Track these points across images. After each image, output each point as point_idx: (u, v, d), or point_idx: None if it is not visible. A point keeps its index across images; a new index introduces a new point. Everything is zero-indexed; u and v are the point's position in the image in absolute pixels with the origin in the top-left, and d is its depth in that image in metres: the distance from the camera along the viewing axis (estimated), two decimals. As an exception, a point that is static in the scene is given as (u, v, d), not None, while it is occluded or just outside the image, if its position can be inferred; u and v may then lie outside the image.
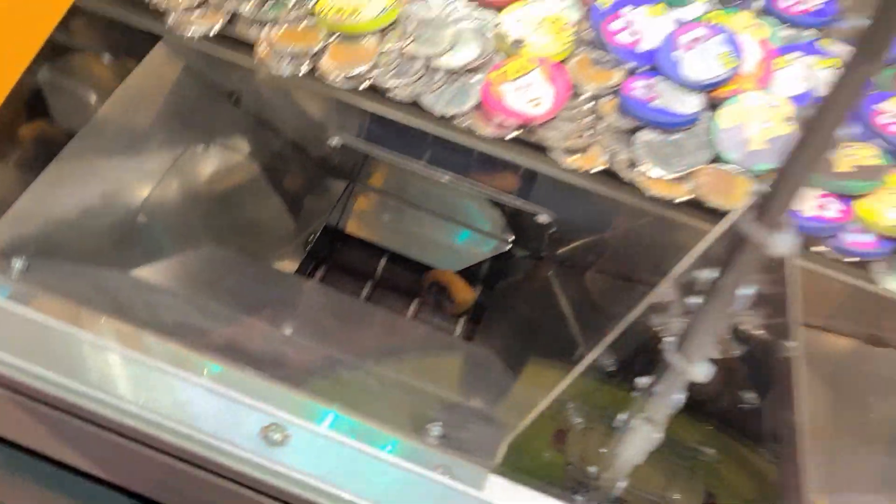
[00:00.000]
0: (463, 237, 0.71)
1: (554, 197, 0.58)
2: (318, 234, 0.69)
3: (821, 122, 0.24)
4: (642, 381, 0.35)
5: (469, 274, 0.70)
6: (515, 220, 0.68)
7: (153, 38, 0.52)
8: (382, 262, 0.71)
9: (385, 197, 0.71)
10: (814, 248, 0.42)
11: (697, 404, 0.37)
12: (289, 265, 0.67)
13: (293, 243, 0.68)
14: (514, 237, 0.70)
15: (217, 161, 0.63)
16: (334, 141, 0.59)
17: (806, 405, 0.36)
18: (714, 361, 0.33)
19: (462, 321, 0.68)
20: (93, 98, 0.57)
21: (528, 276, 0.69)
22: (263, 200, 0.67)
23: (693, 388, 0.33)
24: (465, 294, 0.67)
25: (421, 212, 0.71)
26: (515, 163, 0.46)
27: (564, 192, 0.53)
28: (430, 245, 0.71)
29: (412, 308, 0.68)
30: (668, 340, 0.33)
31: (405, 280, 0.70)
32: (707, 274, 0.31)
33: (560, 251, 0.65)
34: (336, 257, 0.70)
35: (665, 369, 0.33)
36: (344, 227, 0.71)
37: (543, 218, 0.59)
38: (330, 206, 0.70)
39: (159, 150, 0.59)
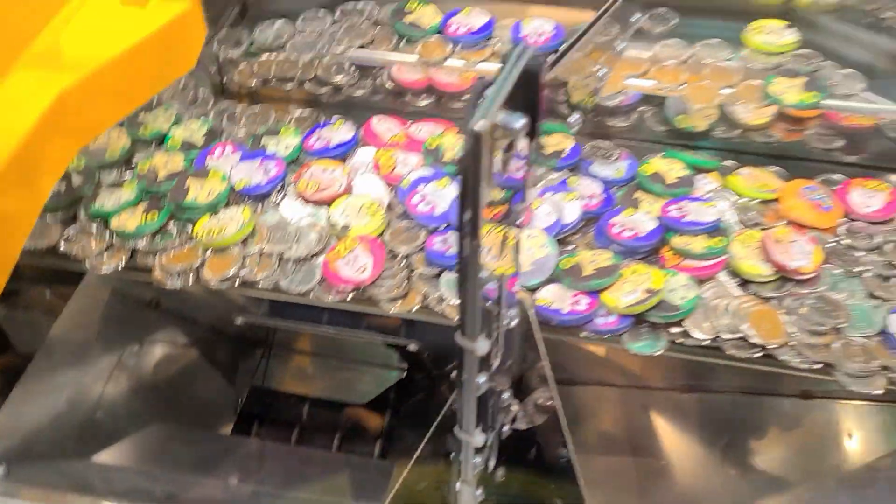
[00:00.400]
0: (367, 373, 0.85)
1: (418, 329, 0.74)
2: (247, 395, 0.83)
3: (467, 275, 0.39)
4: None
5: (379, 401, 0.84)
6: (403, 351, 0.83)
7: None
8: (305, 408, 0.85)
9: (297, 353, 0.86)
10: (582, 334, 0.58)
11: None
12: (226, 427, 0.81)
13: (227, 408, 0.82)
14: (408, 365, 0.84)
15: (152, 354, 0.78)
16: (238, 321, 0.75)
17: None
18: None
19: (378, 443, 0.82)
20: (43, 324, 0.72)
21: (427, 394, 0.84)
22: (196, 377, 0.81)
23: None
24: (375, 421, 0.81)
25: (329, 359, 0.86)
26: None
27: (422, 325, 0.68)
28: (342, 385, 0.86)
29: (336, 441, 0.82)
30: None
31: (327, 418, 0.84)
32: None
33: (444, 370, 0.79)
34: (265, 412, 0.84)
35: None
36: (268, 385, 0.85)
37: (412, 346, 0.74)
38: (252, 370, 0.84)
39: (104, 356, 0.74)
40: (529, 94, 0.38)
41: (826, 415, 0.68)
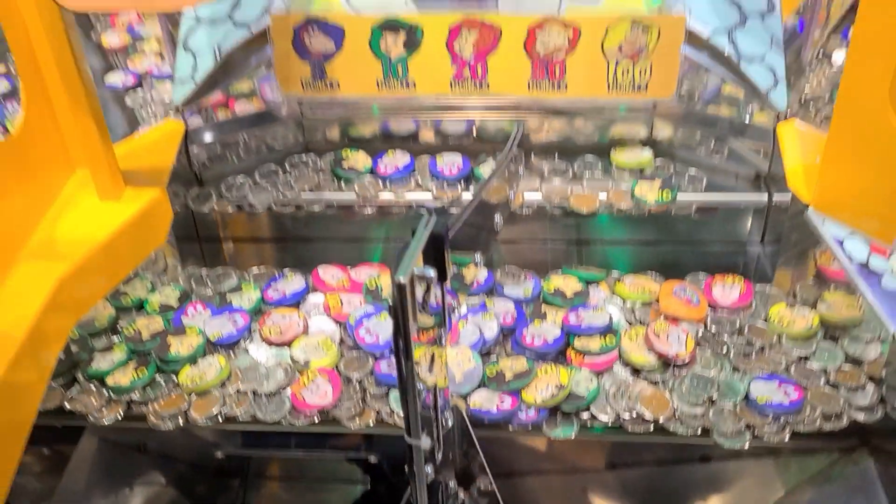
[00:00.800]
0: (335, 491, 0.96)
1: (375, 443, 0.85)
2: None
3: (407, 388, 0.52)
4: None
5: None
6: (365, 465, 0.94)
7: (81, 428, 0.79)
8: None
9: (271, 480, 0.96)
10: (510, 428, 0.70)
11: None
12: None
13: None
14: (370, 478, 0.95)
15: (143, 495, 0.88)
16: (218, 454, 0.85)
17: None
18: None
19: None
20: (47, 479, 0.82)
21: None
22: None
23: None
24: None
25: (300, 482, 0.96)
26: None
27: (378, 439, 0.81)
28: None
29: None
30: None
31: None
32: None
33: (403, 478, 0.90)
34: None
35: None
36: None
37: (373, 459, 0.85)
38: (232, 501, 0.94)
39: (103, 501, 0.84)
40: (437, 251, 0.52)
41: (725, 472, 0.81)
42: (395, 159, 0.90)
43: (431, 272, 0.51)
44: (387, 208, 0.88)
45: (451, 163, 0.89)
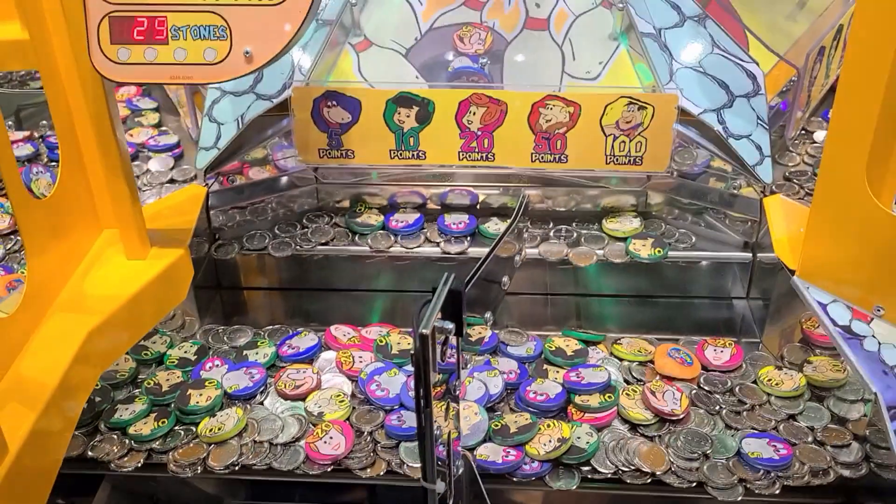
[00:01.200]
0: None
1: (381, 499, 0.88)
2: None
3: (425, 434, 0.56)
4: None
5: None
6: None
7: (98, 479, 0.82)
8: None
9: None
10: (514, 479, 0.74)
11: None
12: None
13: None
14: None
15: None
16: (229, 506, 0.88)
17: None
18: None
19: None
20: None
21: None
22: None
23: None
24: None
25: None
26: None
27: (384, 495, 0.84)
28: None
29: None
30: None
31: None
32: None
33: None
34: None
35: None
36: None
37: (378, 513, 0.88)
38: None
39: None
40: (455, 306, 0.56)
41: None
42: (405, 216, 0.96)
43: (450, 325, 0.55)
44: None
45: (458, 220, 0.94)
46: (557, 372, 0.82)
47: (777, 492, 0.72)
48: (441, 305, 0.56)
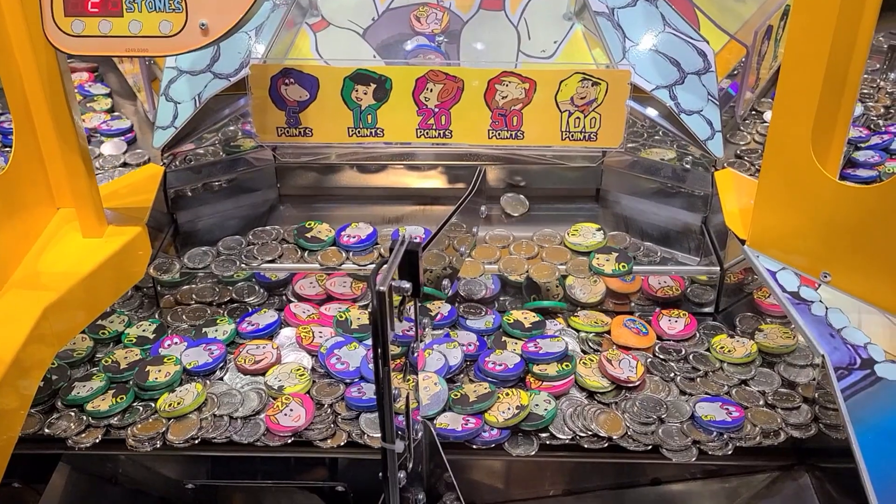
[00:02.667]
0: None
1: (342, 472, 0.89)
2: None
3: (383, 393, 0.57)
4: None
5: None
6: (332, 495, 0.97)
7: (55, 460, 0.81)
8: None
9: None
10: (474, 446, 0.74)
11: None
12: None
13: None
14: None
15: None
16: (188, 485, 0.88)
17: None
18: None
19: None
20: None
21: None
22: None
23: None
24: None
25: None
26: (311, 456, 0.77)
27: (345, 467, 0.84)
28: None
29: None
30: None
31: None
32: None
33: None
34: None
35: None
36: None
37: (340, 488, 0.88)
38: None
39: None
40: (412, 268, 0.57)
41: (673, 493, 0.86)
42: (357, 231, 0.90)
43: (407, 285, 0.56)
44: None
45: (413, 234, 0.91)
46: (516, 343, 0.83)
47: (730, 452, 0.73)
48: (398, 266, 0.56)
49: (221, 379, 0.81)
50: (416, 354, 0.65)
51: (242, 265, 0.88)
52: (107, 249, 0.80)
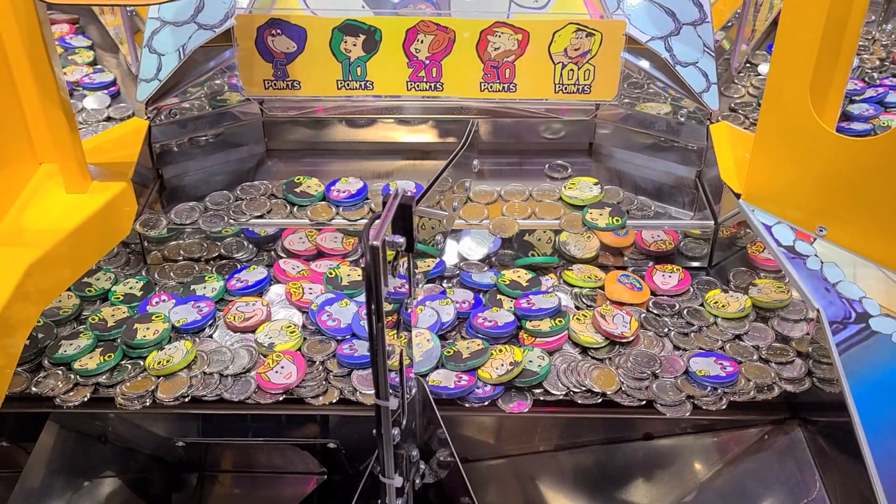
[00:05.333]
0: (293, 481, 0.98)
1: (333, 429, 0.88)
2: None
3: (377, 349, 0.56)
4: None
5: (309, 501, 0.96)
6: (324, 452, 0.96)
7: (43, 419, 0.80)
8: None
9: (229, 472, 0.98)
10: (467, 404, 0.74)
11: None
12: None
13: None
14: (327, 469, 0.97)
15: (103, 487, 0.89)
16: (179, 443, 0.87)
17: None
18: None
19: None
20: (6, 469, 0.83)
21: (346, 493, 0.97)
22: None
23: None
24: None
25: (258, 473, 0.98)
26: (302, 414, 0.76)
27: (337, 425, 0.84)
28: (272, 495, 0.98)
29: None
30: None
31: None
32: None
33: (360, 468, 0.93)
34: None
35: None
36: (205, 505, 0.96)
37: (331, 444, 0.88)
38: (191, 494, 0.96)
39: (62, 494, 0.85)
40: (405, 222, 0.56)
41: (665, 450, 0.86)
42: (347, 185, 0.89)
43: (401, 239, 0.55)
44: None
45: (403, 188, 0.90)
46: (510, 302, 0.82)
47: (723, 407, 0.73)
48: (391, 220, 0.55)
49: (211, 336, 0.80)
50: (409, 311, 0.64)
51: (231, 220, 0.86)
52: (91, 205, 0.78)
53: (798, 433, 0.78)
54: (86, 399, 0.74)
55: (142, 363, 0.76)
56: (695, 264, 0.89)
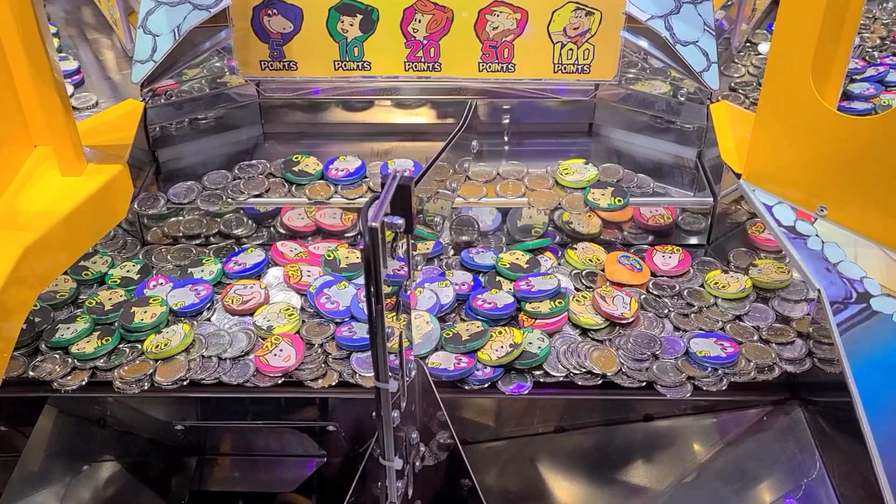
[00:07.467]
0: (293, 463, 0.98)
1: (333, 413, 0.88)
2: (187, 499, 0.94)
3: (376, 332, 0.55)
4: None
5: (306, 486, 0.97)
6: (323, 435, 0.96)
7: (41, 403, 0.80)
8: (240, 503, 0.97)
9: (229, 455, 0.98)
10: (466, 386, 0.74)
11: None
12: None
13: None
14: (326, 451, 0.97)
15: (101, 470, 0.89)
16: (178, 427, 0.87)
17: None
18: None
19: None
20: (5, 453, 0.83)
21: (346, 474, 0.97)
22: (142, 488, 0.92)
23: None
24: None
25: (257, 455, 0.98)
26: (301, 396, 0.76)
27: (336, 408, 0.83)
28: (271, 477, 0.98)
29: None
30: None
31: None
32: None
33: (359, 450, 0.93)
34: (205, 512, 0.95)
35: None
36: (205, 488, 0.96)
37: (331, 427, 0.88)
38: (190, 476, 0.96)
39: (60, 478, 0.85)
40: (404, 203, 0.55)
41: (664, 431, 0.86)
42: (346, 164, 0.88)
43: (399, 221, 0.54)
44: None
45: (401, 167, 0.89)
46: (510, 285, 0.82)
47: (724, 388, 0.73)
48: (390, 202, 0.55)
49: (209, 320, 0.79)
50: (408, 293, 0.64)
51: (229, 199, 0.86)
52: (87, 188, 0.78)
53: (798, 413, 0.78)
54: (83, 383, 0.73)
55: (139, 347, 0.76)
56: (693, 240, 0.88)
